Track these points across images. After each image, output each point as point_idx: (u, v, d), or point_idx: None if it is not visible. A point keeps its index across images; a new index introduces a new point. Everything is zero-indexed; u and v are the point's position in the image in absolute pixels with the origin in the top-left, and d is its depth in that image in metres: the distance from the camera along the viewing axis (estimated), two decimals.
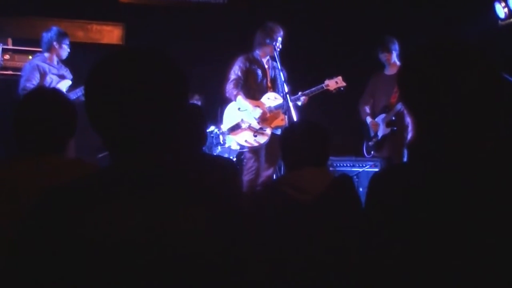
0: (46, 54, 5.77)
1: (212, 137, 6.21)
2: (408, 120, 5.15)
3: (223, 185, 1.48)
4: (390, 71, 6.02)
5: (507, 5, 6.35)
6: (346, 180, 2.66)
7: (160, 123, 1.34)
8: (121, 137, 1.33)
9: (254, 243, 1.48)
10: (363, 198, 1.52)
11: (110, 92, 1.31)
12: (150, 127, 1.32)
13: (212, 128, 6.26)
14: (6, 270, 1.24)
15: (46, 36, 5.76)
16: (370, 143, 6.13)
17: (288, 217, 2.53)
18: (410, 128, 5.62)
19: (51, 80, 5.69)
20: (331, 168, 6.09)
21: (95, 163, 2.28)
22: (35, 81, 5.58)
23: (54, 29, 5.80)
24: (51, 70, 5.72)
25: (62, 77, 5.81)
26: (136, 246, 1.23)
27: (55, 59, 5.80)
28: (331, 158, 6.17)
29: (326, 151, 2.72)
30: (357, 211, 2.53)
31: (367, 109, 6.18)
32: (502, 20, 6.49)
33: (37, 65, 5.66)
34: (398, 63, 5.95)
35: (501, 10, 6.43)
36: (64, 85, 5.76)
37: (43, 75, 5.66)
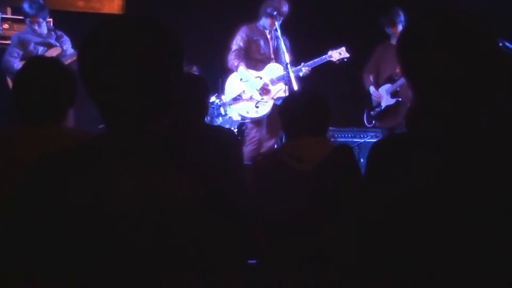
0: (28, 25, 5.74)
1: (213, 108, 6.20)
2: None
3: (222, 155, 1.49)
4: None
5: None
6: (346, 150, 2.66)
7: (156, 90, 1.34)
8: (115, 104, 1.33)
9: (251, 214, 1.49)
10: (364, 169, 1.53)
11: (104, 59, 1.30)
12: (145, 94, 1.32)
13: (213, 99, 6.25)
14: (3, 235, 1.26)
15: (22, 9, 5.70)
16: (372, 112, 6.10)
17: (287, 186, 2.55)
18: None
19: (36, 49, 5.66)
20: (332, 139, 6.09)
21: (95, 134, 2.28)
22: (16, 53, 5.58)
23: (25, 5, 5.69)
24: (34, 40, 5.68)
25: (48, 45, 5.76)
26: (125, 211, 1.24)
27: (42, 28, 5.74)
28: (332, 128, 6.17)
29: (325, 121, 2.72)
30: (356, 181, 2.54)
31: (371, 78, 6.13)
32: None
33: (19, 37, 5.68)
34: None
35: None
36: (52, 54, 5.71)
37: (25, 45, 5.64)
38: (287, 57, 5.38)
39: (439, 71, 1.40)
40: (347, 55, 5.68)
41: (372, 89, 6.07)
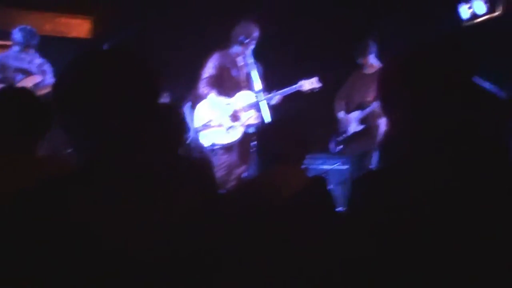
0: (16, 50, 5.70)
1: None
2: (380, 120, 5.20)
3: (197, 186, 1.50)
4: (369, 70, 6.07)
5: (471, 7, 6.49)
6: (320, 181, 2.70)
7: (131, 124, 1.35)
8: (91, 138, 1.34)
9: (226, 242, 1.50)
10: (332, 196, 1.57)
11: (80, 93, 1.31)
12: (121, 128, 1.33)
13: None
14: None
15: (13, 36, 5.67)
16: (339, 138, 6.19)
17: (262, 217, 2.56)
18: (381, 127, 5.75)
19: (15, 76, 5.60)
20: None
21: (66, 160, 2.27)
22: None
23: (17, 33, 5.67)
24: (14, 65, 5.63)
25: (28, 73, 5.69)
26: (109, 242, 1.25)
27: (29, 55, 5.70)
28: None
29: (301, 151, 2.75)
30: (329, 212, 2.58)
31: (342, 104, 6.25)
32: (466, 21, 6.63)
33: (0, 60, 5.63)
34: (375, 63, 6.03)
35: (465, 11, 6.57)
36: (27, 83, 5.64)
37: (5, 70, 5.58)
38: (259, 85, 5.43)
39: (418, 101, 1.46)
40: (318, 85, 5.73)
41: (342, 114, 6.17)
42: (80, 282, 1.22)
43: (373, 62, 6.02)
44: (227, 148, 5.74)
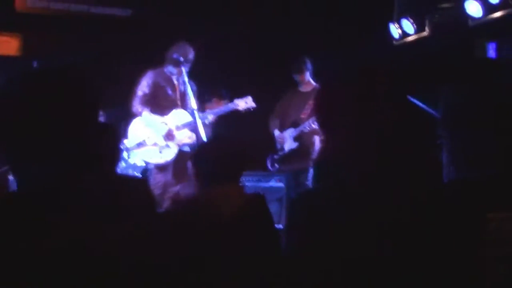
0: None
1: None
2: (315, 137, 5.27)
3: (138, 208, 1.48)
4: (304, 88, 6.15)
5: (400, 27, 6.73)
6: (259, 198, 2.71)
7: (69, 143, 1.32)
8: (29, 159, 1.30)
9: (167, 262, 1.49)
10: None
11: (17, 113, 1.28)
12: (59, 148, 1.31)
13: None
14: None
15: None
16: (275, 156, 6.24)
17: (202, 235, 2.54)
18: (316, 144, 5.83)
19: None
20: None
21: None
22: None
23: None
24: None
25: None
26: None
27: None
28: None
29: (238, 168, 2.76)
30: (270, 229, 2.58)
31: (277, 122, 6.30)
32: (396, 40, 6.87)
33: None
34: (312, 81, 6.11)
35: (395, 31, 6.81)
36: None
37: None
38: (194, 104, 5.42)
39: (352, 118, 1.49)
40: (253, 104, 5.79)
41: (276, 132, 6.23)
42: None
43: (309, 79, 6.11)
44: (162, 167, 5.68)
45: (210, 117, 5.63)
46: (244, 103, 5.77)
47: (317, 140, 5.83)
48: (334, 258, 1.42)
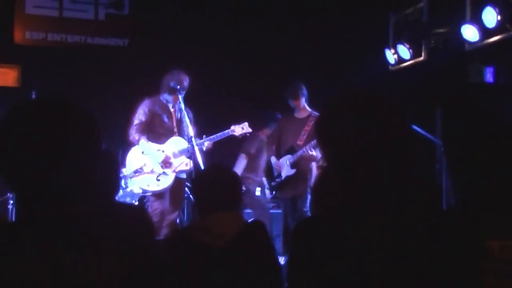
0: None
1: None
2: (312, 164, 5.25)
3: (138, 235, 1.47)
4: (300, 114, 6.12)
5: (396, 52, 6.78)
6: (259, 226, 2.69)
7: (73, 173, 1.32)
8: (33, 190, 1.30)
9: None
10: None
11: (17, 145, 1.28)
12: (63, 178, 1.30)
13: None
14: None
15: None
16: (272, 183, 6.22)
17: (200, 263, 2.52)
18: (313, 170, 5.80)
19: None
20: None
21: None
22: None
23: None
24: None
25: None
26: None
27: None
28: None
29: (237, 195, 2.75)
30: (269, 258, 2.57)
31: (273, 149, 6.29)
32: (392, 65, 6.92)
33: None
34: (307, 107, 6.10)
35: (391, 57, 6.86)
36: None
37: None
38: (191, 131, 5.43)
39: (354, 144, 1.47)
40: (250, 130, 5.83)
41: (273, 159, 6.20)
42: None
43: (304, 105, 6.10)
44: (159, 194, 5.67)
45: (207, 144, 5.64)
46: (241, 129, 5.78)
47: (314, 166, 5.81)
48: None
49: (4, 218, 1.95)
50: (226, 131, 5.76)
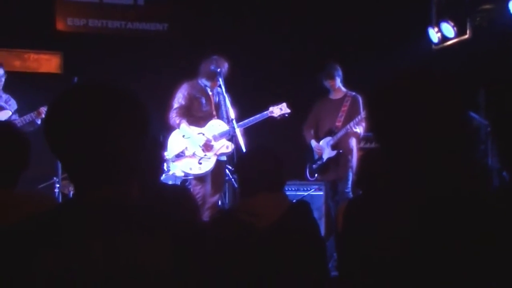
0: None
1: None
2: (353, 144, 5.22)
3: (185, 217, 1.47)
4: (335, 95, 6.11)
5: (440, 31, 6.61)
6: (304, 206, 2.68)
7: (124, 156, 1.33)
8: (84, 171, 1.31)
9: (217, 269, 1.48)
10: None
11: (71, 128, 1.29)
12: (115, 159, 1.31)
13: None
14: None
15: None
16: (314, 166, 6.19)
17: (246, 242, 2.53)
18: (354, 151, 5.76)
19: None
20: None
21: (50, 196, 2.22)
22: None
23: None
24: None
25: None
26: (94, 281, 1.21)
27: None
28: None
29: (281, 177, 2.74)
30: (314, 237, 2.55)
31: (312, 132, 6.26)
32: (436, 44, 6.76)
33: None
34: (342, 88, 6.07)
35: (434, 35, 6.70)
36: (1, 116, 5.60)
37: None
38: (232, 113, 5.43)
39: (407, 133, 1.43)
40: (288, 110, 5.82)
41: (313, 142, 6.17)
42: None
43: (339, 86, 6.05)
44: (201, 177, 5.71)
45: (246, 126, 5.65)
46: (279, 110, 5.79)
47: (354, 144, 5.77)
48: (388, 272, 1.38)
49: (54, 199, 1.99)
50: (265, 112, 5.76)
